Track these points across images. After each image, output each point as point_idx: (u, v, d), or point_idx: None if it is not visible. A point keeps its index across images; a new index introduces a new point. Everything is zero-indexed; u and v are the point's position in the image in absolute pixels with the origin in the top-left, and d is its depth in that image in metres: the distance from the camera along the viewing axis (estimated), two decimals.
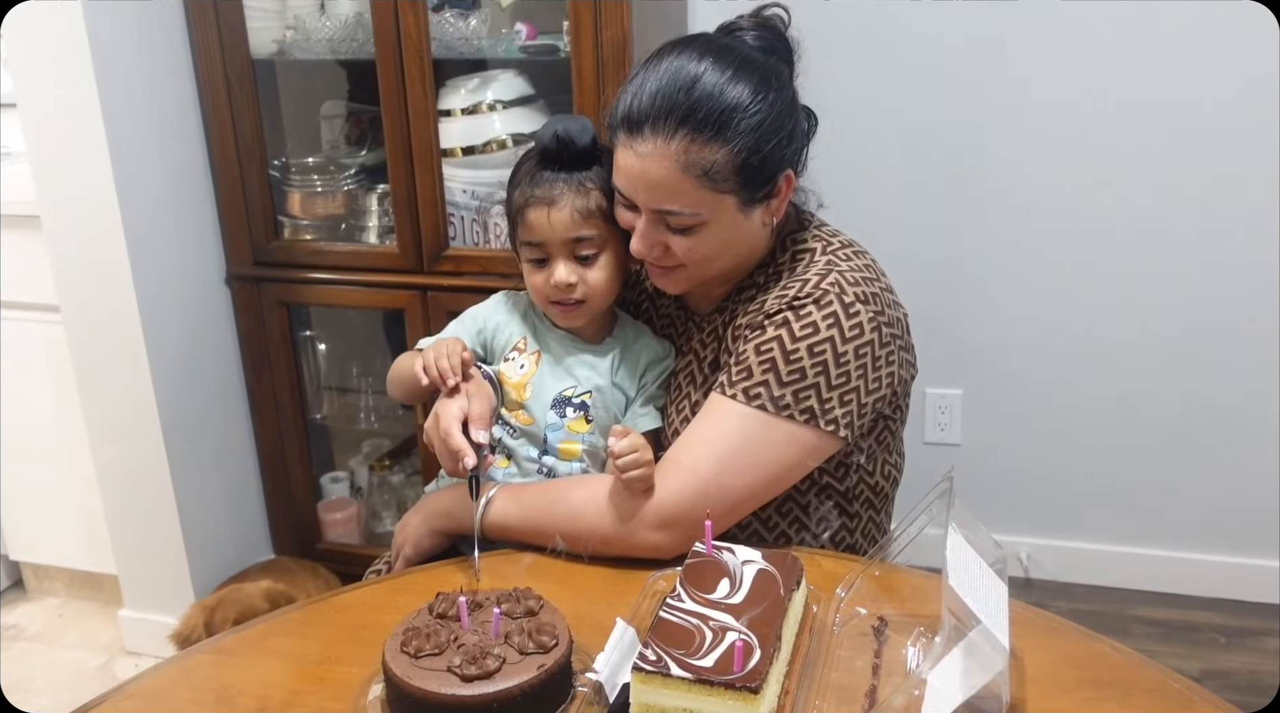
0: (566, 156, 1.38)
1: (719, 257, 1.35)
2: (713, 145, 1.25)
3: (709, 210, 1.29)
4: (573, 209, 1.37)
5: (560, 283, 1.38)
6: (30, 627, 2.68)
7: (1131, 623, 2.50)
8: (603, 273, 1.40)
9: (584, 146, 1.38)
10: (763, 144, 1.27)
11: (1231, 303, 2.40)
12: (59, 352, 2.40)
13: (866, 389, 1.31)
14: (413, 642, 1.03)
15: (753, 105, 1.26)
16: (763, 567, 1.12)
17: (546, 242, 1.38)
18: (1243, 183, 2.33)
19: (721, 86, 1.25)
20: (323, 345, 2.62)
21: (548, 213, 1.37)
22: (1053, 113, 2.38)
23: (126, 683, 1.15)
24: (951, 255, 2.52)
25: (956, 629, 0.98)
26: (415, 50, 2.15)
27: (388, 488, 2.71)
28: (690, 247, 1.32)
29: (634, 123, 1.27)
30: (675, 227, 1.30)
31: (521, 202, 1.39)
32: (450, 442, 1.29)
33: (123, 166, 2.20)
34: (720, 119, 1.25)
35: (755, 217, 1.33)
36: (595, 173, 1.39)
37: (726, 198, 1.28)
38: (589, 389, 1.43)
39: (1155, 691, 1.05)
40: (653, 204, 1.29)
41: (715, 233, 1.31)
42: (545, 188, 1.38)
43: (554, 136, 1.38)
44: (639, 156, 1.27)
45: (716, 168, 1.26)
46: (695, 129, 1.24)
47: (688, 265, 1.34)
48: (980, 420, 2.62)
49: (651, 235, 1.32)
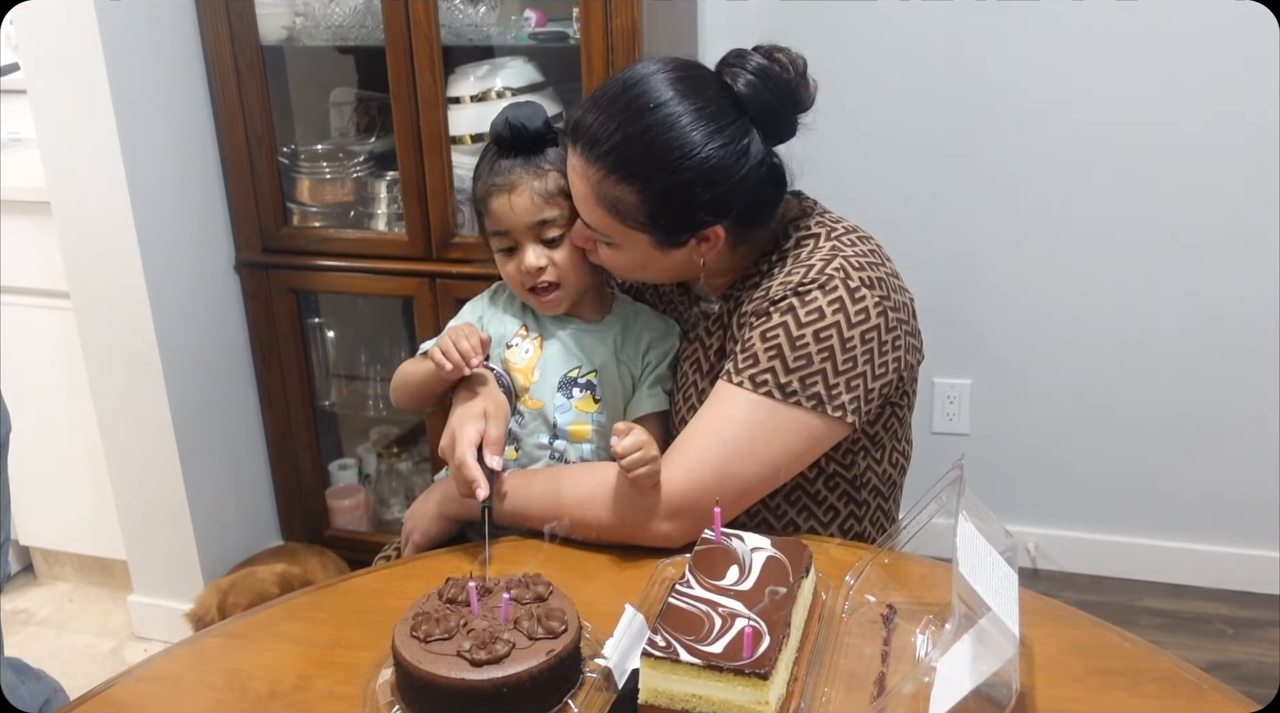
0: (520, 142, 1.39)
1: (631, 273, 1.43)
2: (622, 187, 1.28)
3: (619, 237, 1.33)
4: (532, 193, 1.38)
5: (530, 268, 1.40)
6: (40, 612, 2.69)
7: (1139, 614, 2.50)
8: (571, 251, 1.41)
9: (536, 130, 1.39)
10: (678, 198, 1.28)
11: (1237, 295, 2.39)
12: (69, 338, 2.40)
13: (873, 374, 1.30)
14: (422, 627, 1.03)
15: (682, 160, 1.25)
16: (772, 554, 1.13)
17: (512, 228, 1.40)
18: (1244, 178, 2.32)
19: (660, 132, 1.25)
20: (331, 332, 2.62)
21: (509, 200, 1.39)
22: (1061, 107, 2.38)
23: (136, 667, 1.16)
24: (960, 246, 2.51)
25: (967, 617, 0.98)
26: (424, 37, 2.15)
27: (396, 475, 2.71)
28: (606, 256, 1.37)
29: (573, 132, 1.31)
30: (590, 235, 1.36)
31: (483, 192, 1.41)
32: (466, 473, 1.30)
33: (132, 153, 2.20)
34: (639, 164, 1.27)
35: (679, 254, 1.34)
36: (552, 155, 1.40)
37: (637, 234, 1.31)
38: (594, 367, 1.44)
39: (1165, 679, 1.05)
40: (577, 208, 1.35)
41: (628, 256, 1.35)
42: (504, 176, 1.39)
43: (505, 123, 1.39)
44: (569, 165, 1.33)
45: (623, 206, 1.29)
46: (610, 167, 1.28)
47: (581, 275, 1.42)
48: (988, 411, 2.62)
49: (582, 230, 1.37)
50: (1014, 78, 2.39)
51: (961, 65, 2.40)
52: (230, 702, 1.08)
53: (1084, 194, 2.42)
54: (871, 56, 2.43)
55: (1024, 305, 2.53)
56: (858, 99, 2.43)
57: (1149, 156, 2.37)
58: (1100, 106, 2.36)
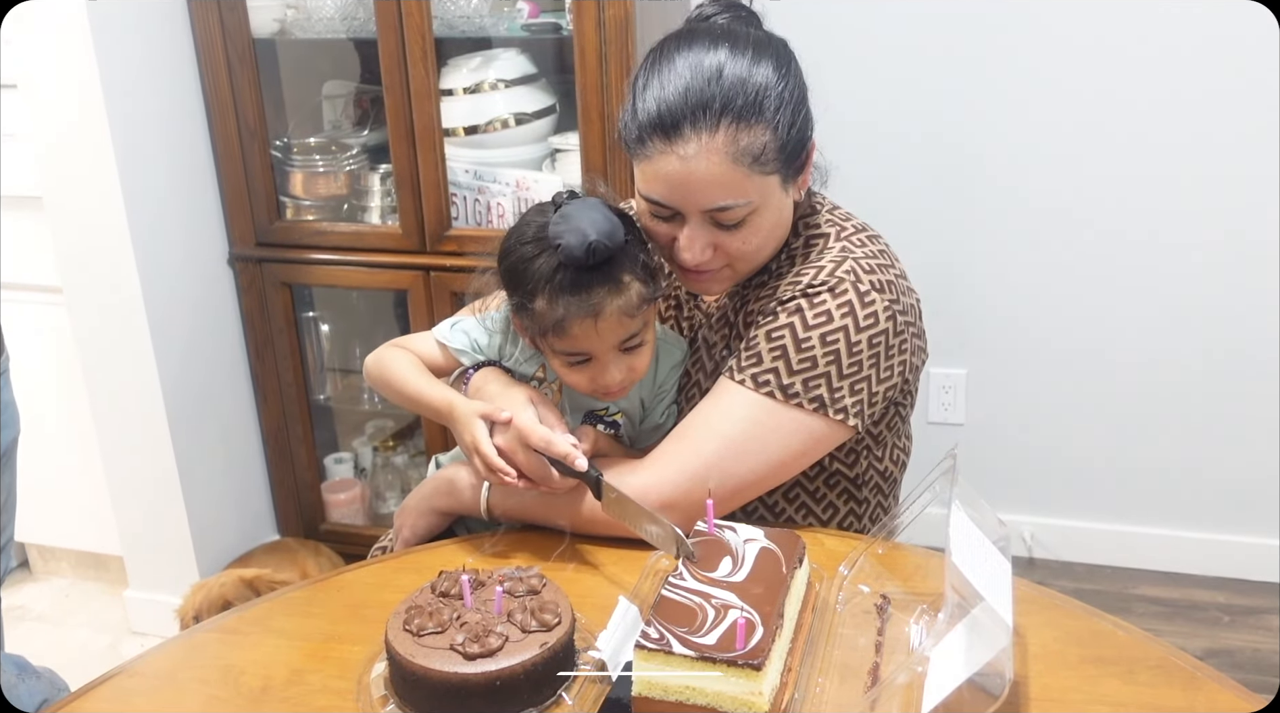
0: (602, 261, 1.23)
1: (766, 244, 1.30)
2: (757, 129, 1.21)
3: (760, 196, 1.24)
4: (619, 313, 1.24)
5: (613, 385, 1.29)
6: (36, 607, 2.69)
7: (1134, 602, 2.50)
8: (649, 351, 1.32)
9: (618, 245, 1.22)
10: (795, 116, 1.25)
11: (1233, 284, 2.39)
12: (62, 333, 2.40)
13: (878, 378, 1.29)
14: (415, 620, 1.03)
15: (779, 81, 1.24)
16: (765, 545, 1.12)
17: (594, 351, 1.27)
18: (1242, 171, 2.32)
19: (747, 69, 1.22)
20: (326, 326, 2.62)
21: (595, 325, 1.24)
22: (1057, 96, 2.38)
23: (130, 662, 1.16)
24: (955, 235, 2.51)
25: (960, 606, 0.98)
26: (417, 29, 2.14)
27: (391, 469, 2.71)
28: (742, 240, 1.26)
29: (670, 125, 1.20)
30: (726, 222, 1.25)
31: (555, 316, 1.24)
32: (557, 448, 1.24)
33: (124, 147, 2.19)
34: (758, 101, 1.21)
35: (790, 193, 1.30)
36: (627, 262, 1.25)
37: (772, 178, 1.25)
38: (620, 409, 1.39)
39: (1159, 667, 1.05)
40: (705, 204, 1.23)
41: (765, 218, 1.27)
42: (582, 298, 1.22)
43: (587, 249, 1.20)
44: (682, 159, 1.21)
45: (759, 149, 1.22)
46: (738, 116, 1.20)
47: (734, 263, 1.30)
48: (984, 400, 2.62)
49: (702, 238, 1.26)
50: (1008, 69, 2.39)
51: (954, 57, 2.40)
52: (223, 697, 1.08)
53: (1079, 183, 2.42)
54: (862, 48, 2.42)
55: (1019, 295, 2.53)
56: (850, 91, 2.42)
57: (1143, 147, 2.36)
58: (1096, 97, 2.36)
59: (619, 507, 1.23)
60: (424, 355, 1.44)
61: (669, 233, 1.28)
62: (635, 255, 1.26)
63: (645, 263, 1.28)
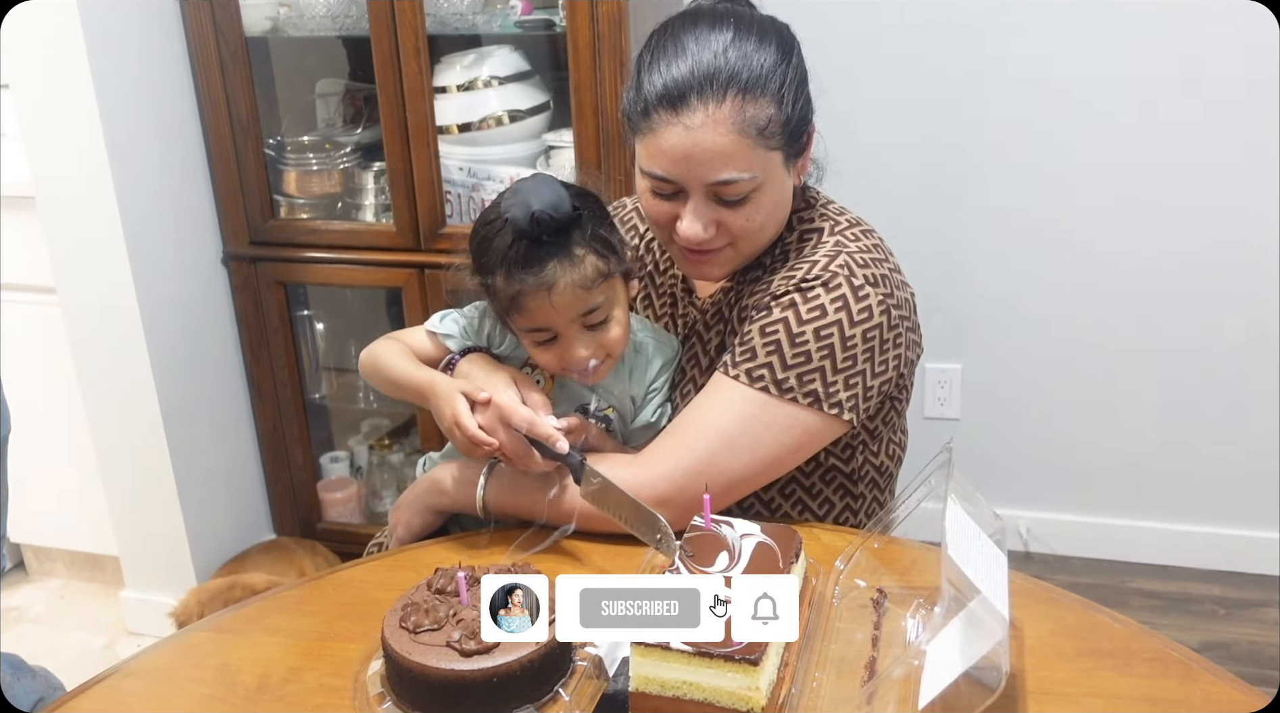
0: (547, 232, 1.23)
1: (768, 225, 1.30)
2: (763, 101, 1.22)
3: (763, 171, 1.24)
4: (573, 286, 1.24)
5: (580, 360, 1.29)
6: (32, 608, 2.68)
7: (1131, 596, 2.50)
8: (618, 327, 1.30)
9: (565, 217, 1.23)
10: (799, 95, 1.26)
11: (1231, 277, 2.40)
12: (56, 333, 2.39)
13: (873, 372, 1.29)
14: (411, 617, 1.02)
15: (783, 59, 1.25)
16: (762, 540, 1.12)
17: (553, 325, 1.27)
18: (1241, 164, 2.32)
19: (754, 45, 1.23)
20: (320, 325, 2.62)
21: (548, 298, 1.24)
22: (1053, 93, 2.38)
23: (125, 662, 1.15)
24: (951, 230, 2.51)
25: (956, 600, 0.98)
26: (410, 26, 2.14)
27: (387, 467, 2.71)
28: (746, 217, 1.26)
29: (677, 96, 1.21)
30: (729, 198, 1.25)
31: (512, 291, 1.26)
32: (539, 429, 1.24)
33: (117, 147, 2.19)
34: (764, 75, 1.22)
35: (791, 175, 1.30)
36: (578, 235, 1.25)
37: (775, 155, 1.25)
38: (610, 404, 1.39)
39: (1155, 660, 1.05)
40: (710, 176, 1.23)
41: (768, 196, 1.27)
42: (535, 272, 1.23)
43: (530, 218, 1.21)
44: (688, 129, 1.21)
45: (769, 124, 1.22)
46: (745, 88, 1.21)
47: (736, 242, 1.29)
48: (979, 395, 2.62)
49: (705, 213, 1.25)
50: (1004, 65, 2.39)
51: (951, 54, 2.40)
52: (219, 695, 1.08)
53: (1075, 179, 2.42)
54: (859, 44, 2.42)
55: (1014, 290, 2.53)
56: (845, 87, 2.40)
57: (1141, 145, 2.37)
58: (1093, 94, 2.36)
59: (601, 494, 1.23)
60: (416, 347, 1.45)
61: (671, 212, 1.28)
62: (591, 229, 1.26)
63: (604, 237, 1.28)
